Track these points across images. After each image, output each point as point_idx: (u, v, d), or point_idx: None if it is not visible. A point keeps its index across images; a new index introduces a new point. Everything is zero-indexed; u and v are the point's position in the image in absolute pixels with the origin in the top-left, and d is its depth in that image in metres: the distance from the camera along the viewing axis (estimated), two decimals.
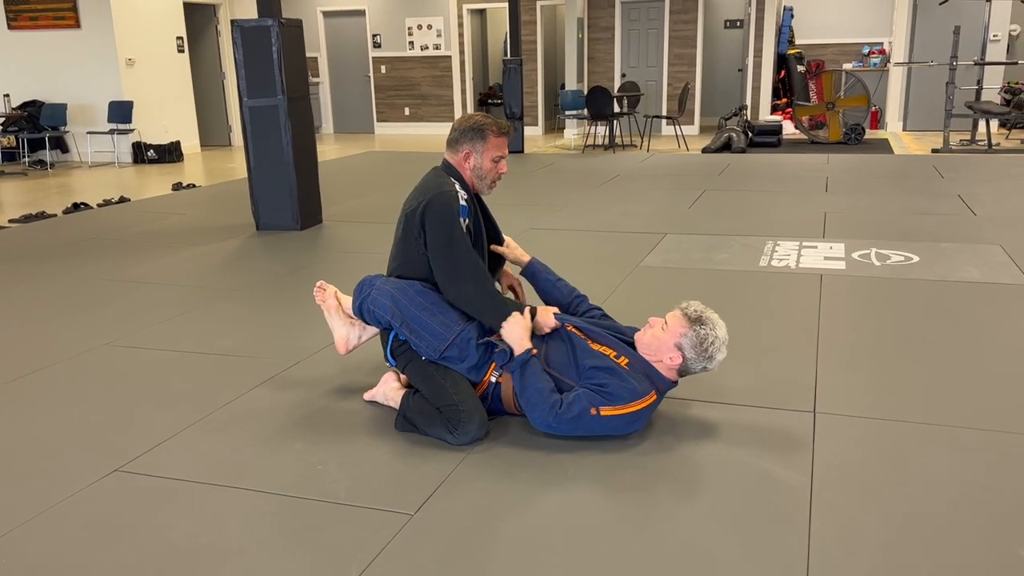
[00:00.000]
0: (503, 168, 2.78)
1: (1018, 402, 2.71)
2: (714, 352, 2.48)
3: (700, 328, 2.47)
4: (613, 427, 2.43)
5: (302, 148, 5.87)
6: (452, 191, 2.67)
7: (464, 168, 2.76)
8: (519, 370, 2.48)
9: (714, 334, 2.47)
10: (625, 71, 13.23)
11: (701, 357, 2.48)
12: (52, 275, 4.77)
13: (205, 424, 2.71)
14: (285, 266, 4.86)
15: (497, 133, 2.73)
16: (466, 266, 2.61)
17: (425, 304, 2.61)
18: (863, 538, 1.97)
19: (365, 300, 2.69)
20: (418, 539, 2.01)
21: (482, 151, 2.73)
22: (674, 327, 2.49)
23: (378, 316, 2.67)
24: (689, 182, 7.63)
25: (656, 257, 4.79)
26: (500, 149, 2.75)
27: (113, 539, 2.05)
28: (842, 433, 2.52)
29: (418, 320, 2.58)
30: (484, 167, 2.75)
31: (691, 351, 2.47)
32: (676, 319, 2.50)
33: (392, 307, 2.61)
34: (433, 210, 2.63)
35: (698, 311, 2.50)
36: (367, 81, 14.34)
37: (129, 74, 10.56)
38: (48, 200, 7.73)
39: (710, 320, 2.49)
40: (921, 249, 4.78)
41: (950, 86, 9.72)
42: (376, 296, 2.65)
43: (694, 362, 2.49)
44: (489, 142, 2.72)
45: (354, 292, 2.77)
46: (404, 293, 2.62)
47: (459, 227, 2.62)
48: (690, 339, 2.47)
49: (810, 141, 10.97)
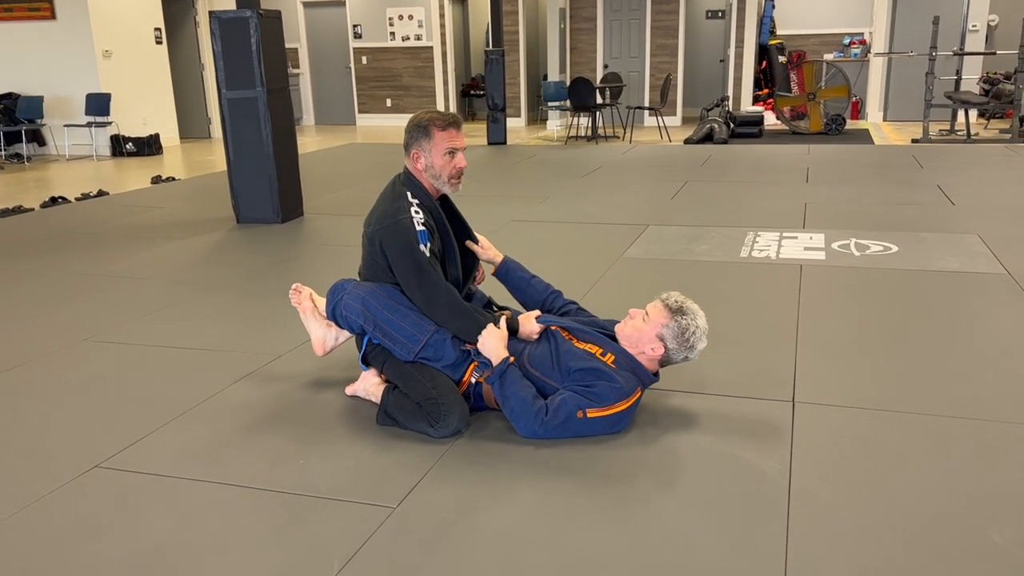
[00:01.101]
0: (460, 162, 2.62)
1: (994, 391, 2.74)
2: (695, 342, 2.50)
3: (681, 318, 2.48)
4: (599, 428, 2.43)
5: (282, 140, 5.83)
6: (406, 219, 2.55)
7: (420, 173, 2.64)
8: (498, 381, 2.47)
9: (695, 324, 2.49)
10: (607, 62, 13.23)
11: (683, 347, 2.50)
12: (29, 270, 4.72)
13: (186, 419, 2.69)
14: (266, 260, 4.83)
15: (442, 125, 2.58)
16: (436, 291, 2.55)
17: (397, 307, 2.58)
18: (841, 526, 1.99)
19: (337, 305, 2.67)
20: (400, 532, 2.02)
21: (429, 148, 2.59)
22: (655, 318, 2.50)
23: (351, 321, 2.65)
24: (671, 173, 7.65)
25: (638, 248, 4.80)
26: (450, 141, 2.58)
27: (94, 536, 2.04)
28: (821, 422, 2.55)
29: (390, 323, 2.57)
30: (436, 164, 2.60)
31: (673, 341, 2.49)
32: (657, 310, 2.51)
33: (363, 311, 2.59)
34: (391, 244, 2.56)
35: (679, 301, 2.51)
36: (348, 72, 14.26)
37: (106, 66, 10.45)
38: (25, 194, 7.64)
39: (691, 310, 2.50)
40: (900, 239, 4.82)
41: (930, 76, 9.79)
42: (347, 302, 2.63)
43: (676, 352, 2.51)
44: (435, 137, 2.58)
45: (327, 296, 2.76)
46: (375, 297, 2.60)
47: (420, 254, 2.52)
48: (671, 329, 2.48)
49: (791, 132, 11.02)
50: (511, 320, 2.65)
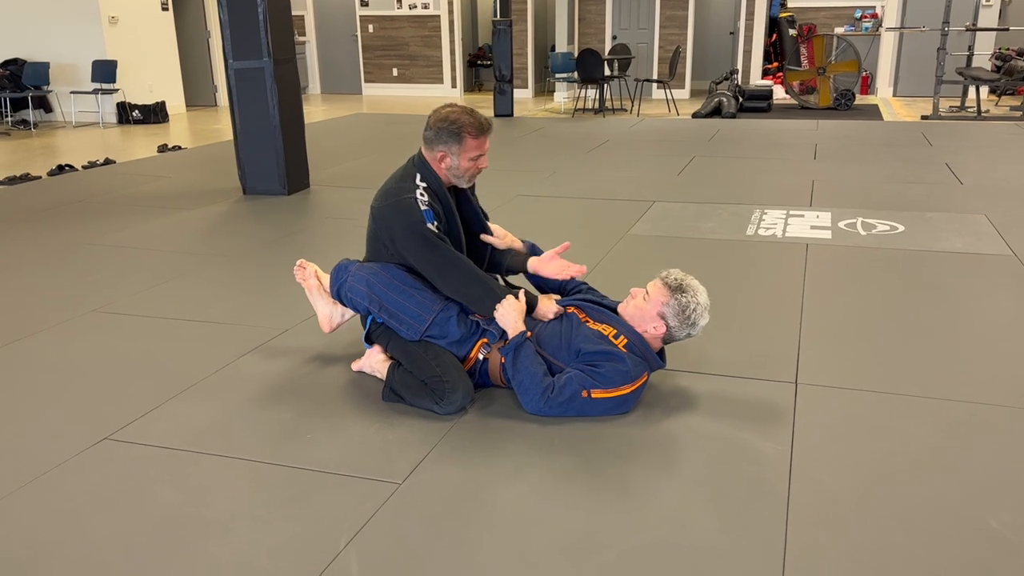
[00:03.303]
0: (483, 164, 2.66)
1: (997, 374, 2.76)
2: (696, 319, 2.51)
3: (681, 296, 2.49)
4: (603, 409, 2.46)
5: (289, 112, 5.81)
6: (410, 199, 2.57)
7: (439, 168, 2.64)
8: (512, 353, 2.49)
9: (695, 301, 2.50)
10: (616, 33, 13.11)
11: (684, 324, 2.51)
12: (37, 239, 4.74)
13: (193, 392, 2.72)
14: (272, 232, 4.84)
15: (476, 134, 2.58)
16: (447, 261, 2.56)
17: (401, 287, 2.59)
18: (841, 508, 2.02)
19: (342, 286, 2.68)
20: (406, 507, 2.05)
21: (458, 153, 2.60)
22: (655, 296, 2.51)
23: (356, 303, 2.66)
24: (678, 148, 7.62)
25: (644, 225, 4.79)
26: (479, 149, 2.61)
27: (102, 508, 2.08)
28: (823, 404, 2.56)
29: (395, 304, 2.58)
30: (461, 167, 2.63)
31: (674, 319, 2.50)
32: (657, 288, 2.53)
33: (368, 293, 2.60)
34: (395, 223, 2.58)
35: (678, 279, 2.52)
36: (354, 41, 14.16)
37: (112, 32, 10.38)
38: (32, 161, 7.64)
39: (691, 287, 2.51)
40: (907, 218, 4.81)
41: (941, 52, 9.68)
42: (352, 283, 2.64)
43: (677, 330, 2.52)
44: (466, 144, 2.58)
45: (331, 275, 2.77)
46: (378, 278, 2.61)
47: (426, 229, 2.54)
48: (672, 308, 2.49)
49: (800, 106, 10.94)
50: (529, 296, 2.66)
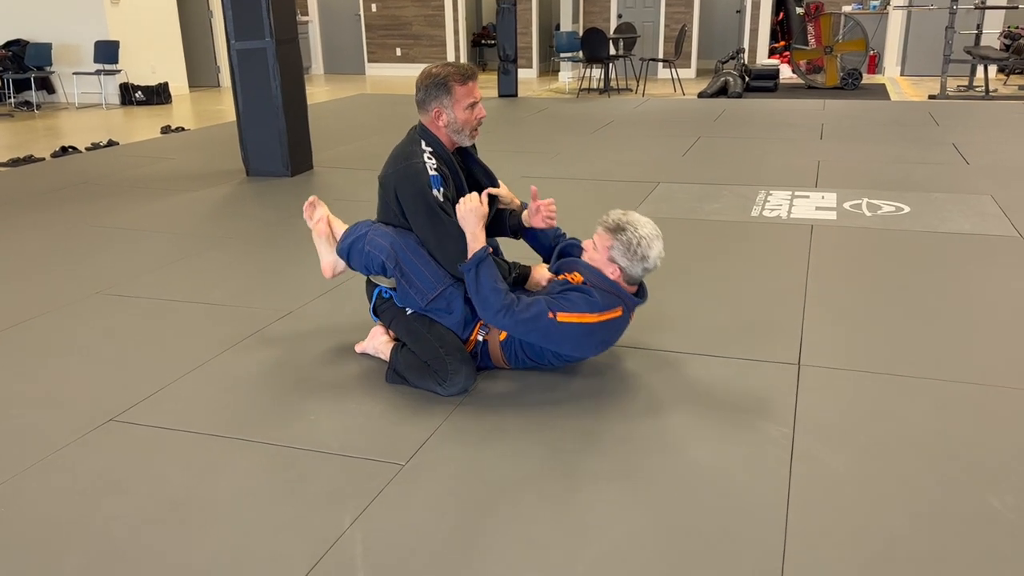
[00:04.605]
0: (480, 112, 2.64)
1: (1000, 356, 2.75)
2: (645, 251, 2.48)
3: (622, 235, 2.48)
4: (572, 339, 2.45)
5: (291, 93, 5.79)
6: (419, 163, 2.57)
7: (439, 128, 2.64)
8: (474, 269, 2.45)
9: (638, 234, 2.47)
10: (622, 12, 13.01)
11: (635, 261, 2.48)
12: (41, 221, 4.75)
13: (198, 374, 2.73)
14: (276, 214, 4.84)
15: (461, 80, 2.58)
16: (446, 231, 2.55)
17: (422, 252, 2.59)
18: (842, 490, 2.02)
19: (358, 240, 2.65)
20: (410, 488, 2.06)
21: (451, 105, 2.59)
22: (601, 243, 2.52)
23: (372, 257, 2.62)
24: (684, 128, 7.58)
25: (649, 207, 4.78)
26: (470, 95, 2.60)
27: (108, 489, 2.09)
28: (826, 385, 2.56)
29: (412, 266, 2.57)
30: (460, 119, 2.61)
31: (623, 259, 2.49)
32: (599, 235, 2.53)
33: (391, 249, 2.58)
34: (403, 187, 2.59)
35: (616, 219, 2.51)
36: (357, 20, 14.08)
37: (115, 12, 10.34)
38: (36, 143, 7.64)
39: (630, 223, 2.49)
40: (912, 199, 4.78)
41: (949, 30, 9.60)
42: (374, 238, 2.62)
43: (631, 267, 2.50)
44: (456, 93, 2.58)
45: (346, 230, 2.75)
46: (403, 238, 2.61)
47: (432, 197, 2.54)
48: (618, 249, 2.48)
49: (807, 86, 10.87)
50: (522, 267, 2.70)
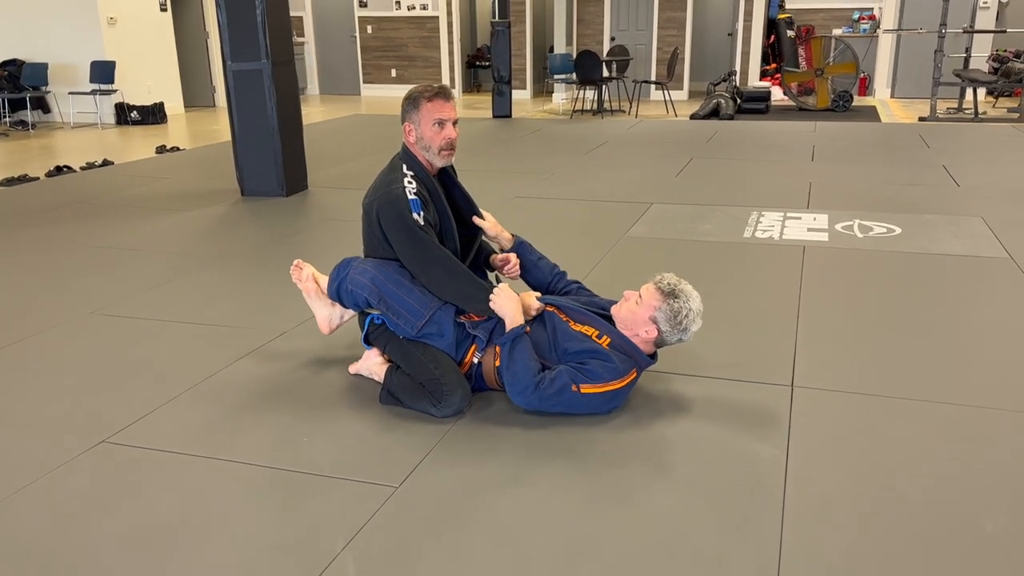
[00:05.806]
0: (449, 132, 2.63)
1: (994, 377, 2.77)
2: (688, 324, 2.52)
3: (674, 301, 2.50)
4: (592, 405, 2.47)
5: (287, 114, 5.82)
6: (398, 189, 2.60)
7: (414, 147, 2.68)
8: (509, 344, 2.50)
9: (688, 306, 2.50)
10: (615, 34, 13.12)
11: (676, 329, 2.52)
12: (35, 241, 4.74)
13: (191, 395, 2.73)
14: (271, 234, 4.85)
15: (428, 96, 2.61)
16: (430, 255, 2.58)
17: (403, 282, 2.61)
18: (837, 512, 2.03)
19: (343, 281, 2.69)
20: (403, 511, 2.05)
21: (419, 120, 2.62)
22: (648, 301, 2.52)
23: (356, 295, 2.67)
24: (676, 150, 7.63)
25: (642, 227, 4.80)
26: (438, 112, 2.61)
27: (101, 510, 2.08)
28: (819, 407, 2.57)
29: (396, 297, 2.59)
30: (426, 136, 2.62)
31: (666, 324, 2.51)
32: (650, 293, 2.53)
33: (371, 285, 2.62)
34: (384, 213, 2.61)
35: (671, 284, 2.53)
36: (353, 41, 14.16)
37: (111, 33, 10.39)
38: (31, 162, 7.64)
39: (683, 292, 2.52)
40: (904, 221, 4.82)
41: (938, 54, 9.70)
42: (354, 276, 2.65)
43: (669, 334, 2.53)
44: (423, 109, 2.61)
45: (330, 275, 2.78)
46: (382, 272, 2.63)
47: (412, 221, 2.56)
48: (664, 312, 2.50)
49: (798, 108, 10.95)
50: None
